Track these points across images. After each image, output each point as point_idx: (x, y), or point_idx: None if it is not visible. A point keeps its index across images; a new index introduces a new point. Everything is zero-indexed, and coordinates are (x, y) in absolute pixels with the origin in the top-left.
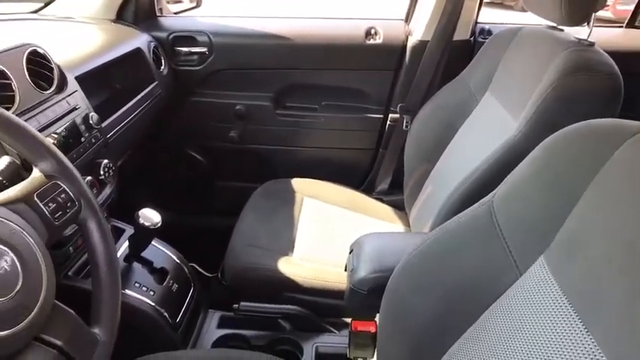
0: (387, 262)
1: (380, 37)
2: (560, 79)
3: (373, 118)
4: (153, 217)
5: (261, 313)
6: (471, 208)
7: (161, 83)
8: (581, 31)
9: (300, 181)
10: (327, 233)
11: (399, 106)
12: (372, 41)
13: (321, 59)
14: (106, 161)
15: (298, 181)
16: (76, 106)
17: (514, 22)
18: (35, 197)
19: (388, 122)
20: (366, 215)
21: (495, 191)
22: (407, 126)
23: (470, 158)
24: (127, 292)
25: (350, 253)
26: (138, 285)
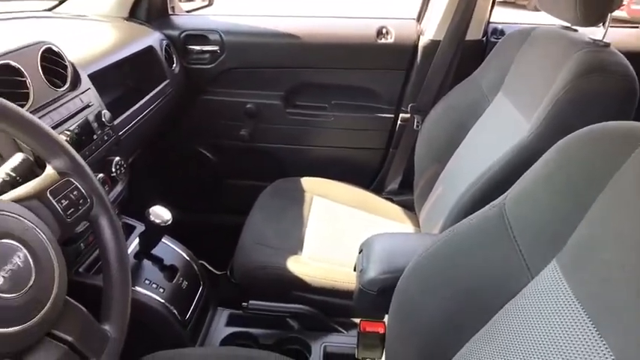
0: (397, 263)
1: (391, 37)
2: (573, 80)
3: (384, 117)
4: (163, 214)
5: (270, 311)
6: (483, 210)
7: (173, 81)
8: (595, 32)
9: (310, 180)
10: (337, 233)
11: (410, 105)
12: (383, 40)
13: (332, 58)
14: (117, 158)
15: (308, 180)
16: (89, 104)
17: (527, 22)
18: (48, 194)
19: (399, 122)
20: (376, 215)
21: (507, 193)
22: (418, 126)
23: (481, 159)
24: (137, 288)
25: (359, 253)
26: (148, 282)
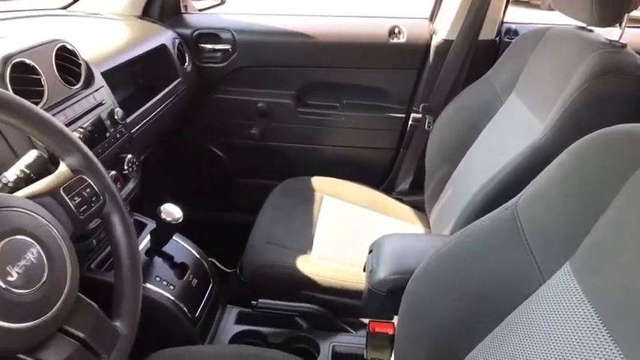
0: (407, 264)
1: (403, 36)
2: (588, 81)
3: (395, 117)
4: (174, 212)
5: (279, 310)
6: (495, 212)
7: (185, 80)
8: (611, 32)
9: (320, 179)
10: (347, 232)
11: (422, 106)
12: (395, 40)
13: (344, 57)
14: (130, 156)
15: (318, 180)
16: (102, 102)
17: (542, 22)
18: (61, 191)
19: (410, 122)
20: (386, 215)
21: (520, 195)
22: (429, 126)
23: (493, 160)
24: (148, 285)
25: (369, 253)
26: (158, 279)
